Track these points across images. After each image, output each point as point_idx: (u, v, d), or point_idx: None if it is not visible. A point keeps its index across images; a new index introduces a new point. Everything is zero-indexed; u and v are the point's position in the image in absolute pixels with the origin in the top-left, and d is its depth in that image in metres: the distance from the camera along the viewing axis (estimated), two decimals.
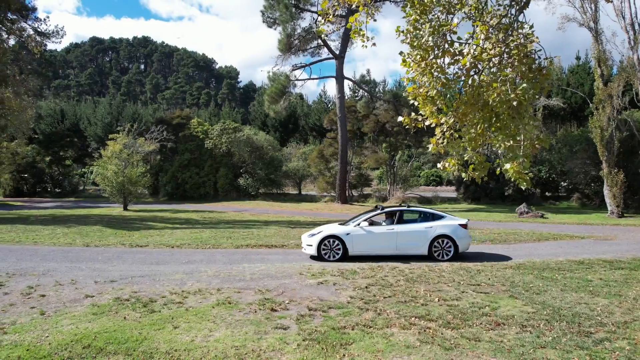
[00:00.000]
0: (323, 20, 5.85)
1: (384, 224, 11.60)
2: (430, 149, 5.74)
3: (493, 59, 5.20)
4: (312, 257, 11.34)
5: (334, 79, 32.63)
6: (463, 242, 11.17)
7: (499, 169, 5.64)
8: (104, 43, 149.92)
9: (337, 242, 11.00)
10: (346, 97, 37.96)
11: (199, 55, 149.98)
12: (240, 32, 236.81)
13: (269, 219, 22.31)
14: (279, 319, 6.31)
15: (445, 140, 5.59)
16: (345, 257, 11.02)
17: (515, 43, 5.08)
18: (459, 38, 5.47)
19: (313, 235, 11.31)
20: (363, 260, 10.94)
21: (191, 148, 37.83)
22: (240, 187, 37.24)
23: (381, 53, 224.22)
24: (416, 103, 5.59)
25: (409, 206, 12.09)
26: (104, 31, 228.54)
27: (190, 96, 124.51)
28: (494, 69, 5.35)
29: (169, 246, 13.39)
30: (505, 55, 5.17)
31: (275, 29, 32.84)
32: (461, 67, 5.48)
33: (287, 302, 7.19)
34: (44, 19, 31.76)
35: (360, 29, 5.70)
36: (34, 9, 26.95)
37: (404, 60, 5.57)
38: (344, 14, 29.34)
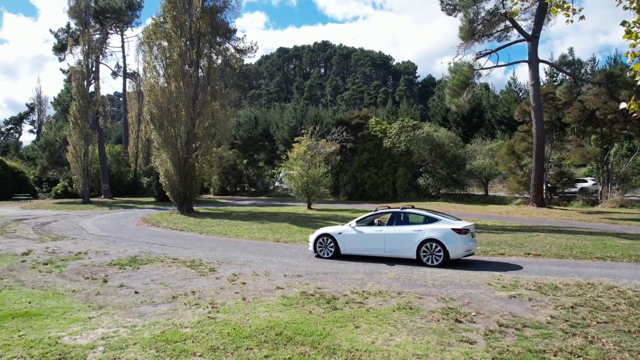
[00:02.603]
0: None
1: (386, 225, 11.63)
2: None
3: None
4: (317, 256, 12.01)
5: (525, 64, 29.12)
6: (455, 247, 10.61)
7: None
8: (289, 52, 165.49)
9: (330, 240, 11.76)
10: (542, 83, 33.52)
11: (375, 54, 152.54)
12: (416, 24, 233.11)
13: None
14: (464, 332, 5.79)
15: None
16: (338, 255, 11.72)
17: None
18: None
19: (313, 233, 12.37)
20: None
21: (369, 148, 38.87)
22: (420, 187, 36.52)
23: (586, 27, 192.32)
24: None
25: (403, 207, 11.86)
26: (288, 41, 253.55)
27: (368, 95, 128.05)
28: None
29: None
30: None
31: (455, 16, 30.87)
32: None
33: (473, 314, 6.57)
34: (242, 38, 37.00)
35: (564, 1, 4.81)
36: (234, 31, 31.91)
37: (628, 32, 4.47)
38: None
